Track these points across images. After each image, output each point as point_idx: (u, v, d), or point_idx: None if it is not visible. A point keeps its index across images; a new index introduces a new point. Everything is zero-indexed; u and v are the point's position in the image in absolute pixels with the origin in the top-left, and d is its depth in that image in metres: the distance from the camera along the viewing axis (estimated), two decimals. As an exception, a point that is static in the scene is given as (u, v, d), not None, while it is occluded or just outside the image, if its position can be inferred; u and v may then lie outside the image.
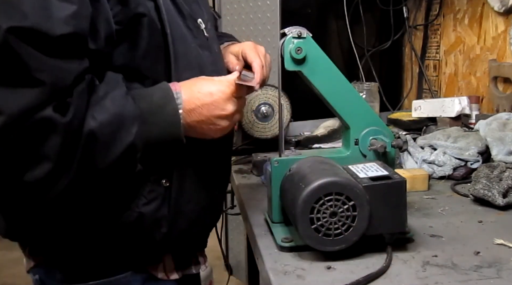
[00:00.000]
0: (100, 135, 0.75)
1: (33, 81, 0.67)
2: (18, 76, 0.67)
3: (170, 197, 0.92)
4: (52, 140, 0.70)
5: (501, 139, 1.34)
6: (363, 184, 0.86)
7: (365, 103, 1.07)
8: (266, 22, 1.93)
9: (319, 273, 0.83)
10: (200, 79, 0.92)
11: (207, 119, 0.89)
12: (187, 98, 0.87)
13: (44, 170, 0.71)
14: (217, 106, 0.89)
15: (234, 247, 2.67)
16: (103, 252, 0.92)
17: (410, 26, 2.31)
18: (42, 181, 0.72)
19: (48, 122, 0.69)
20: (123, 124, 0.78)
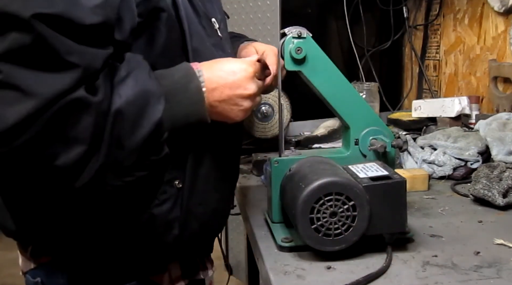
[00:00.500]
0: (127, 113, 0.73)
1: (66, 64, 0.67)
2: (50, 60, 0.66)
3: (182, 199, 0.90)
4: (85, 121, 0.68)
5: (501, 139, 1.34)
6: (363, 184, 0.86)
7: (365, 103, 1.07)
8: (266, 22, 1.93)
9: (319, 273, 0.83)
10: (221, 59, 0.90)
11: (229, 98, 0.86)
12: (209, 76, 0.85)
13: (78, 152, 0.68)
14: (240, 84, 0.87)
15: (234, 247, 2.67)
16: (111, 257, 0.90)
17: (410, 26, 2.31)
18: (75, 165, 0.69)
19: (81, 102, 0.68)
20: (149, 101, 0.76)
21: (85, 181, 0.71)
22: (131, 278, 0.93)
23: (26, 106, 0.64)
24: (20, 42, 0.64)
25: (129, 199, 0.85)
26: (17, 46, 0.64)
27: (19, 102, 0.64)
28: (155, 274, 0.95)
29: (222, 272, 2.65)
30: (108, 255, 0.90)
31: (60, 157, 0.68)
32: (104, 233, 0.87)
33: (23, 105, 0.64)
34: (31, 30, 0.64)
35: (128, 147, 0.74)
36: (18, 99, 0.64)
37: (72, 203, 0.82)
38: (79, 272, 0.92)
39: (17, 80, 0.65)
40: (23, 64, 0.65)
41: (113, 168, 0.74)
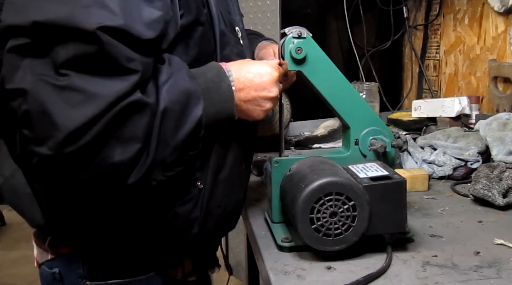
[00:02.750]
0: (172, 112, 0.78)
1: (126, 70, 0.72)
2: (113, 66, 0.72)
3: (202, 200, 0.94)
4: (141, 121, 0.74)
5: (501, 139, 1.34)
6: (363, 184, 0.86)
7: (365, 103, 1.07)
8: (266, 22, 1.93)
9: (319, 273, 0.83)
10: (248, 61, 0.96)
11: (254, 99, 0.92)
12: (237, 77, 0.90)
13: (133, 150, 0.74)
14: (265, 87, 0.92)
15: (234, 247, 2.67)
16: (131, 250, 0.93)
17: (410, 26, 2.31)
18: (130, 162, 0.74)
19: (139, 104, 0.73)
20: (191, 100, 0.81)
21: (138, 177, 0.76)
22: (149, 269, 0.97)
23: (91, 108, 0.69)
24: (86, 51, 0.70)
25: (157, 196, 0.88)
26: (82, 54, 0.70)
27: (85, 104, 0.69)
28: (171, 267, 1.00)
29: (222, 272, 2.65)
30: (130, 247, 0.93)
31: (117, 155, 0.73)
32: (129, 226, 0.90)
33: (89, 106, 0.69)
34: (96, 41, 0.70)
35: (173, 144, 0.79)
36: (83, 101, 0.69)
37: (113, 199, 0.85)
38: (99, 263, 0.94)
39: (83, 84, 0.70)
40: (88, 70, 0.70)
41: (159, 164, 0.79)
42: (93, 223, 0.90)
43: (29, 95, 0.69)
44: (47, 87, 0.69)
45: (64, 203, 0.89)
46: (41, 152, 0.70)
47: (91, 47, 0.70)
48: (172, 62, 0.82)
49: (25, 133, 0.71)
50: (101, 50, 0.70)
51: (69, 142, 0.69)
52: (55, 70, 0.69)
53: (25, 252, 3.33)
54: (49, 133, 0.69)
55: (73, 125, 0.68)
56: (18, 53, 0.70)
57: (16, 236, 3.75)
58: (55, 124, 0.68)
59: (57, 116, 0.68)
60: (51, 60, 0.70)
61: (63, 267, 0.96)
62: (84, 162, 0.72)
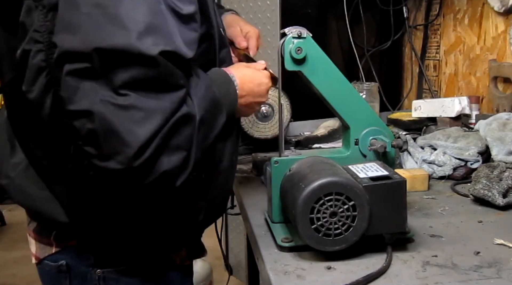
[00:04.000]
0: (205, 120, 0.86)
1: (176, 87, 0.80)
2: (166, 85, 0.79)
3: (207, 190, 0.99)
4: (187, 131, 0.81)
5: (501, 139, 1.34)
6: (363, 184, 0.86)
7: (365, 103, 1.07)
8: (266, 22, 1.93)
9: (319, 273, 0.83)
10: (246, 68, 1.06)
11: (250, 104, 1.04)
12: (241, 85, 1.00)
13: (181, 157, 0.80)
14: (261, 94, 1.05)
15: (234, 247, 2.67)
16: (142, 239, 0.97)
17: (410, 26, 2.31)
18: (178, 168, 0.81)
19: (187, 116, 0.81)
20: (217, 108, 0.91)
21: (183, 180, 0.83)
22: (156, 255, 1.02)
23: (152, 123, 0.76)
24: (147, 74, 0.77)
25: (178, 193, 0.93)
26: (143, 76, 0.77)
27: (147, 121, 0.76)
28: (173, 252, 1.06)
29: (222, 272, 2.65)
30: (140, 237, 0.96)
31: (169, 163, 0.79)
32: (140, 218, 0.93)
33: (150, 122, 0.76)
34: (156, 64, 0.77)
35: (203, 148, 0.87)
36: (145, 118, 0.76)
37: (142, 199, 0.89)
38: (108, 252, 0.98)
39: (142, 103, 0.76)
40: (145, 89, 0.77)
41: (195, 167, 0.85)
42: (110, 218, 0.93)
43: (95, 115, 0.75)
44: (110, 107, 0.75)
45: (86, 202, 0.92)
46: (109, 166, 0.77)
47: (151, 71, 0.77)
48: (198, 74, 0.89)
49: (87, 150, 0.78)
50: (159, 72, 0.77)
51: (138, 156, 0.76)
52: (115, 91, 0.75)
53: (25, 252, 3.31)
54: (119, 149, 0.75)
55: (140, 141, 0.75)
56: (78, 76, 0.76)
57: (16, 236, 3.75)
58: (124, 141, 0.75)
59: (125, 134, 0.75)
60: (110, 82, 0.75)
61: (71, 259, 0.98)
62: (146, 172, 0.78)
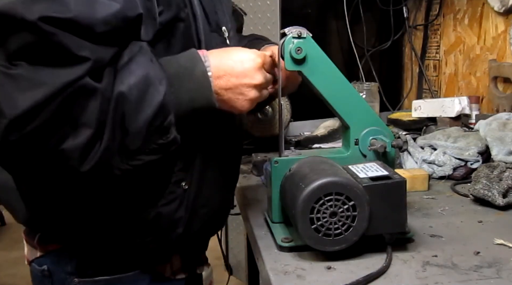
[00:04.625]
0: (130, 96, 0.75)
1: (77, 58, 0.71)
2: (62, 55, 0.71)
3: (188, 200, 0.94)
4: (91, 106, 0.72)
5: (501, 139, 1.34)
6: (363, 184, 0.86)
7: (365, 103, 1.07)
8: (266, 22, 1.93)
9: (319, 273, 0.83)
10: (230, 48, 0.93)
11: (235, 87, 0.88)
12: (216, 64, 0.87)
13: (85, 136, 0.72)
14: (247, 74, 0.88)
15: (234, 247, 2.67)
16: (117, 248, 0.94)
17: (410, 26, 2.31)
18: (82, 149, 0.73)
19: (87, 88, 0.72)
20: (151, 84, 0.78)
21: (91, 164, 0.74)
22: (137, 266, 0.97)
23: (36, 94, 0.68)
24: (30, 41, 0.69)
25: (139, 194, 0.89)
26: (28, 44, 0.69)
27: (30, 91, 0.68)
28: (159, 264, 1.00)
29: (222, 272, 2.66)
30: (115, 245, 0.93)
31: (67, 141, 0.71)
32: (113, 224, 0.91)
33: (34, 93, 0.68)
34: (38, 31, 0.69)
35: (132, 130, 0.76)
36: (29, 88, 0.68)
37: (81, 190, 0.84)
38: (86, 260, 0.95)
39: (31, 73, 0.69)
40: (39, 59, 0.70)
41: (119, 152, 0.76)
42: (77, 219, 0.90)
43: None
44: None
45: (45, 197, 0.89)
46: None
47: (34, 37, 0.69)
48: (134, 47, 0.79)
49: None
50: (45, 40, 0.69)
51: (14, 129, 0.69)
52: (7, 59, 0.69)
53: (25, 252, 3.33)
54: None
55: (16, 112, 0.68)
56: None
57: (16, 236, 3.74)
58: (1, 110, 0.68)
59: (2, 103, 0.68)
60: (3, 49, 0.70)
61: (52, 264, 0.97)
62: (33, 148, 0.71)
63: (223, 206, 1.06)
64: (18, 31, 0.69)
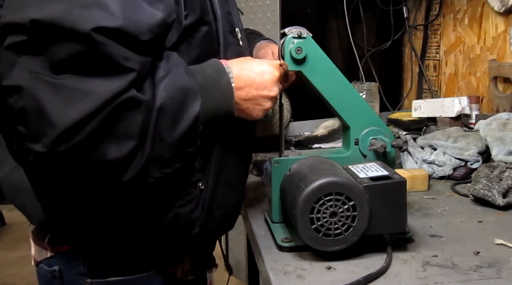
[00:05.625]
0: (169, 109, 0.77)
1: (123, 69, 0.72)
2: (109, 65, 0.71)
3: (204, 200, 0.94)
4: (136, 118, 0.73)
5: (501, 139, 1.34)
6: (363, 184, 0.86)
7: (365, 103, 1.07)
8: (266, 22, 1.93)
9: (319, 273, 0.83)
10: (249, 59, 0.96)
11: (254, 98, 0.91)
12: (238, 75, 0.90)
13: (128, 147, 0.73)
14: (266, 86, 0.92)
15: (234, 247, 2.67)
16: (133, 249, 0.93)
17: (410, 26, 2.31)
18: (125, 159, 0.74)
19: (133, 101, 0.73)
20: (188, 97, 0.80)
21: (133, 174, 0.76)
22: (150, 267, 0.97)
23: (86, 105, 0.69)
24: (80, 51, 0.69)
25: (158, 196, 0.89)
26: (77, 53, 0.69)
27: (80, 102, 0.69)
28: (171, 265, 1.00)
29: (222, 272, 2.65)
30: (131, 245, 0.93)
31: (111, 152, 0.72)
32: (130, 225, 0.90)
33: (83, 104, 0.69)
34: (90, 42, 0.69)
35: (169, 141, 0.78)
36: (78, 99, 0.69)
37: (108, 196, 0.85)
38: (99, 260, 0.95)
39: (79, 83, 0.70)
40: (85, 69, 0.70)
41: (156, 161, 0.78)
42: (93, 221, 0.90)
43: (25, 92, 0.69)
44: (43, 84, 0.69)
45: (64, 201, 0.89)
46: (36, 149, 0.70)
47: (85, 48, 0.69)
48: (170, 59, 0.82)
49: (20, 130, 0.71)
50: (95, 50, 0.70)
51: (63, 140, 0.69)
52: (52, 68, 0.69)
53: (25, 252, 3.32)
54: (44, 130, 0.69)
55: (67, 123, 0.68)
56: (15, 50, 0.70)
57: (16, 236, 3.75)
58: (50, 121, 0.68)
59: (52, 114, 0.68)
60: (47, 58, 0.69)
61: (63, 265, 0.96)
62: (79, 159, 0.71)
63: (236, 207, 1.06)
64: (65, 41, 0.69)
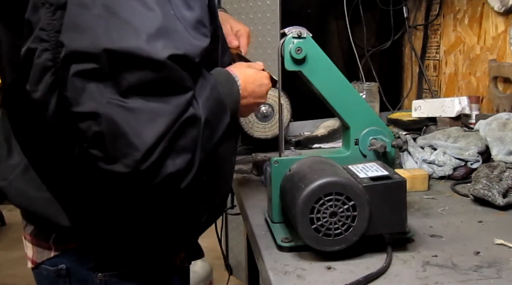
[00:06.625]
0: (211, 122, 0.84)
1: (183, 89, 0.78)
2: (173, 87, 0.77)
3: (208, 192, 0.99)
4: (192, 133, 0.79)
5: (501, 139, 1.34)
6: (363, 184, 0.86)
7: (365, 103, 1.07)
8: (266, 22, 1.93)
9: (319, 273, 0.83)
10: (247, 68, 1.04)
11: (250, 105, 1.03)
12: (243, 86, 0.99)
13: (186, 159, 0.79)
14: (262, 96, 1.04)
15: (234, 247, 2.67)
16: (144, 242, 0.96)
17: (410, 26, 2.31)
18: (183, 170, 0.79)
19: (193, 118, 0.79)
20: (221, 108, 0.88)
21: (188, 182, 0.81)
22: (158, 257, 1.02)
23: (159, 125, 0.75)
24: (155, 77, 0.75)
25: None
26: (151, 80, 0.75)
27: (154, 123, 0.75)
28: (175, 254, 1.06)
29: (222, 272, 2.66)
30: (143, 240, 0.96)
31: (172, 166, 0.78)
32: (143, 221, 0.93)
33: (157, 124, 0.75)
34: (165, 68, 0.76)
35: (207, 150, 0.84)
36: (152, 120, 0.75)
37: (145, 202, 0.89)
38: (110, 255, 0.97)
39: (149, 105, 0.75)
40: (152, 92, 0.76)
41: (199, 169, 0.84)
42: (113, 221, 0.92)
43: (102, 118, 0.73)
44: (117, 109, 0.73)
45: (89, 206, 0.91)
46: (115, 169, 0.75)
47: (159, 74, 0.75)
48: (204, 74, 0.87)
49: (93, 152, 0.76)
50: (168, 76, 0.76)
51: (145, 159, 0.74)
52: (121, 93, 0.74)
53: (25, 252, 3.33)
54: (126, 152, 0.74)
55: (148, 144, 0.74)
56: (85, 77, 0.74)
57: (16, 236, 3.75)
58: (132, 143, 0.74)
59: (132, 136, 0.73)
60: (117, 84, 0.74)
61: (71, 262, 0.97)
62: (152, 175, 0.77)
63: (227, 193, 1.13)
64: (139, 68, 0.74)
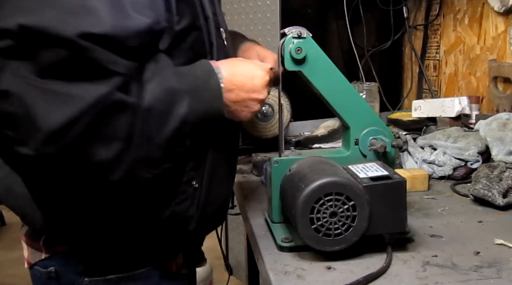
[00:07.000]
0: (155, 110, 0.78)
1: (108, 72, 0.73)
2: (95, 70, 0.73)
3: (199, 198, 0.96)
4: (122, 120, 0.75)
5: (501, 139, 1.34)
6: (363, 184, 0.86)
7: (365, 103, 1.07)
8: (266, 22, 1.94)
9: (319, 273, 0.83)
10: (240, 61, 0.97)
11: (243, 100, 0.92)
12: (228, 78, 0.90)
13: (115, 149, 0.75)
14: (255, 90, 0.93)
15: (234, 247, 2.67)
16: (131, 246, 0.95)
17: (410, 26, 2.31)
18: (112, 161, 0.75)
19: (119, 104, 0.74)
20: (175, 98, 0.81)
21: (121, 174, 0.77)
22: (148, 263, 0.99)
23: (71, 109, 0.70)
24: (66, 56, 0.71)
25: (153, 195, 0.90)
26: (63, 59, 0.71)
27: (65, 106, 0.70)
28: (167, 260, 1.02)
29: (222, 272, 2.66)
30: (129, 244, 0.94)
31: (98, 154, 0.74)
32: (127, 224, 0.92)
33: (69, 108, 0.70)
34: (76, 48, 0.71)
35: (157, 142, 0.79)
36: (64, 103, 0.70)
37: (102, 197, 0.86)
38: (97, 259, 0.95)
39: (65, 87, 0.71)
40: (71, 73, 0.71)
41: (144, 162, 0.80)
42: (90, 221, 0.91)
43: (13, 97, 0.70)
44: (30, 89, 0.70)
45: (59, 202, 0.90)
46: (23, 152, 0.72)
47: (70, 53, 0.71)
48: (159, 60, 0.82)
49: (8, 134, 0.72)
50: (80, 55, 0.71)
51: (49, 142, 0.70)
52: (39, 73, 0.70)
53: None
54: (31, 134, 0.70)
55: (53, 126, 0.70)
56: (3, 55, 0.71)
57: (16, 236, 3.72)
58: (36, 125, 0.70)
59: (38, 118, 0.69)
60: (35, 63, 0.70)
61: (60, 265, 0.97)
62: (66, 161, 0.73)
63: (226, 202, 1.08)
64: (51, 47, 0.70)
